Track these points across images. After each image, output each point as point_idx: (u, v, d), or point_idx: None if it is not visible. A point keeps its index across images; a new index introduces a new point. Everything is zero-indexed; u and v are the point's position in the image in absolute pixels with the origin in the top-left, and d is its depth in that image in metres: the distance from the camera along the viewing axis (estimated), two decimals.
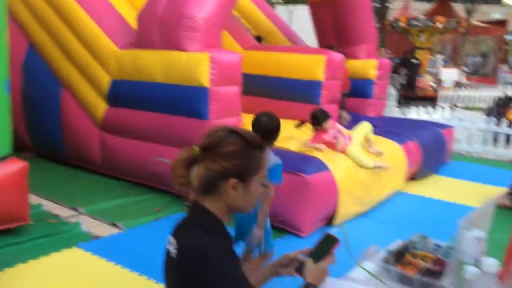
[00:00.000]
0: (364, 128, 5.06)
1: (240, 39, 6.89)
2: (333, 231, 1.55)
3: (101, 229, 4.24)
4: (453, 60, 18.25)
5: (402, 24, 14.96)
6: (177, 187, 1.42)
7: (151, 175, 5.13)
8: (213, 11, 4.68)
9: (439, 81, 14.25)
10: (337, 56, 6.23)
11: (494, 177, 6.30)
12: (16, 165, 3.83)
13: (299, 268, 1.50)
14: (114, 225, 4.30)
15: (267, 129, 2.95)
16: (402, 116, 8.70)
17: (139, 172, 5.23)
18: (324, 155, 4.55)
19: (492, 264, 1.07)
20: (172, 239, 1.41)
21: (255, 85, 6.67)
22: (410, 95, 12.28)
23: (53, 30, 5.60)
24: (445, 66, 16.01)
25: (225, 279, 1.24)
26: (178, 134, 4.81)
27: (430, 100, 13.43)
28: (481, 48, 22.56)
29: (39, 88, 5.92)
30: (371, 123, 5.24)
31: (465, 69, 17.96)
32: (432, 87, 14.30)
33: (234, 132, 1.41)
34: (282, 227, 4.22)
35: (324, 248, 1.51)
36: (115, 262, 3.56)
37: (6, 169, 3.74)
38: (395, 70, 12.16)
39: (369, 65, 7.23)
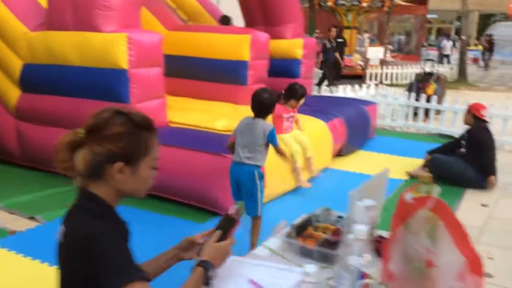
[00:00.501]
0: None
1: (163, 20, 6.71)
2: (232, 211, 1.54)
3: (19, 223, 4.01)
4: (379, 39, 18.88)
5: (329, 3, 15.27)
6: (61, 172, 1.35)
7: None
8: None
9: (366, 60, 14.73)
10: (262, 35, 6.23)
11: (413, 150, 6.61)
12: None
13: (201, 252, 1.47)
14: (33, 218, 4.10)
15: (266, 104, 3.31)
16: (329, 95, 8.90)
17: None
18: None
19: (361, 230, 1.11)
20: (61, 227, 1.35)
21: (181, 67, 6.56)
22: (335, 74, 12.59)
23: None
24: (371, 44, 16.55)
25: (112, 265, 1.20)
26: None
27: (359, 78, 13.89)
28: (405, 26, 23.52)
29: None
30: None
31: (390, 47, 18.64)
32: (360, 65, 14.75)
33: (120, 113, 1.34)
34: (207, 208, 4.21)
35: (224, 229, 1.50)
36: (33, 257, 3.38)
37: None
38: (324, 50, 12.40)
39: (295, 45, 7.29)
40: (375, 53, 14.69)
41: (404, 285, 1.42)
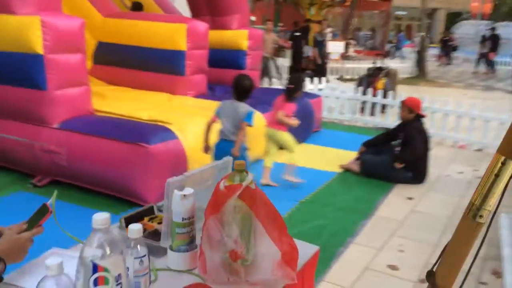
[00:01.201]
0: None
1: (100, 6, 6.51)
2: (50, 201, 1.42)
3: None
4: (342, 34, 18.94)
5: None
6: None
7: None
8: None
9: (327, 54, 14.71)
10: (200, 24, 6.10)
11: (356, 143, 6.60)
12: None
13: None
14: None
15: (248, 90, 3.94)
16: (274, 87, 8.84)
17: None
18: (177, 123, 4.45)
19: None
20: None
21: (117, 55, 6.41)
22: (297, 67, 12.53)
23: None
24: (333, 39, 16.58)
25: None
26: (16, 106, 4.46)
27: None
28: (372, 23, 23.68)
29: None
30: None
31: (353, 42, 18.71)
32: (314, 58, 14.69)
33: None
34: (129, 199, 4.09)
35: (37, 218, 1.39)
36: None
37: None
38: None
39: (240, 36, 7.19)
40: (336, 47, 14.71)
41: (215, 277, 1.34)
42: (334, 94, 8.37)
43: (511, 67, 18.27)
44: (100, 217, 1.01)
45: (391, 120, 7.74)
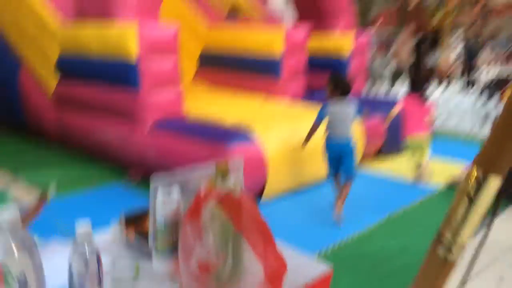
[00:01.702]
0: None
1: (206, 14, 6.76)
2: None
3: (29, 196, 4.25)
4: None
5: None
6: None
7: (95, 146, 5.16)
8: None
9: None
10: (298, 30, 6.01)
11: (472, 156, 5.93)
12: None
13: None
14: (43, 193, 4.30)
15: (349, 85, 3.96)
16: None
17: (88, 144, 5.28)
18: (261, 129, 4.39)
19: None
20: None
21: (220, 61, 6.62)
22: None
23: None
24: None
25: None
26: (114, 105, 4.80)
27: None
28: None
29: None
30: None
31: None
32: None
33: None
34: None
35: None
36: None
37: None
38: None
39: (344, 40, 6.89)
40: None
41: (187, 285, 1.21)
42: (452, 101, 7.63)
43: None
44: (6, 216, 0.95)
45: None
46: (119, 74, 4.56)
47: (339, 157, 3.95)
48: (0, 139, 6.18)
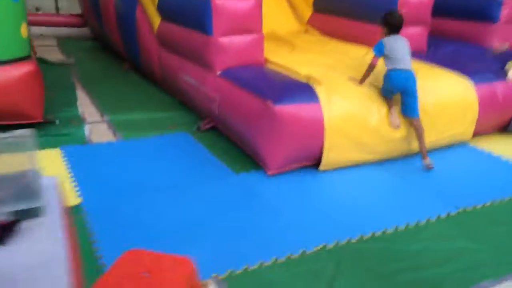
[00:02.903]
0: None
1: None
2: None
3: (105, 136, 4.49)
4: None
5: None
6: None
7: (180, 92, 5.18)
8: None
9: None
10: None
11: None
12: (27, 68, 4.27)
13: None
14: (115, 134, 4.52)
15: (400, 23, 3.91)
16: None
17: (174, 88, 5.33)
18: (330, 85, 3.81)
19: None
20: None
21: (336, 2, 5.90)
22: None
23: None
24: None
25: None
26: (190, 49, 4.69)
27: None
28: None
29: (124, 4, 6.34)
30: None
31: None
32: None
33: None
34: (259, 163, 3.80)
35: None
36: (70, 170, 3.68)
37: (17, 71, 4.21)
38: None
39: None
40: None
41: None
42: None
43: None
44: None
45: None
46: (193, 13, 4.39)
47: (402, 91, 3.81)
48: (112, 80, 6.55)
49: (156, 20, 5.54)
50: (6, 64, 4.16)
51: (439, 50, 5.29)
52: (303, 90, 3.70)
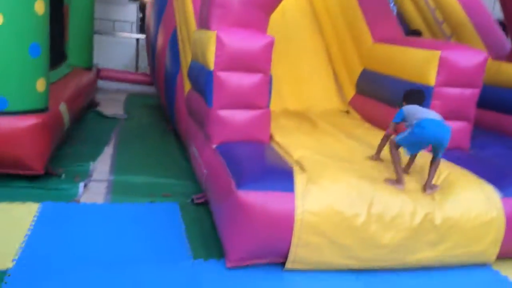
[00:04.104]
0: None
1: (376, 29, 5.67)
2: None
3: (95, 197, 4.36)
4: None
5: None
6: None
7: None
8: None
9: None
10: (464, 54, 4.36)
11: None
12: (34, 120, 4.35)
13: None
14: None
15: (420, 99, 3.78)
16: None
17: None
18: (313, 175, 3.36)
19: None
20: None
21: (377, 86, 5.47)
22: None
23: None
24: None
25: None
26: (199, 116, 4.54)
27: None
28: None
29: (171, 67, 6.48)
30: None
31: None
32: None
33: None
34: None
35: None
36: (31, 230, 3.53)
37: (22, 122, 4.28)
38: None
39: None
40: None
41: None
42: None
43: None
44: None
45: None
46: (202, 86, 4.27)
47: (435, 144, 3.41)
48: (149, 139, 6.57)
49: (188, 87, 5.52)
50: (14, 115, 4.28)
51: (483, 151, 4.57)
52: (279, 177, 3.29)
